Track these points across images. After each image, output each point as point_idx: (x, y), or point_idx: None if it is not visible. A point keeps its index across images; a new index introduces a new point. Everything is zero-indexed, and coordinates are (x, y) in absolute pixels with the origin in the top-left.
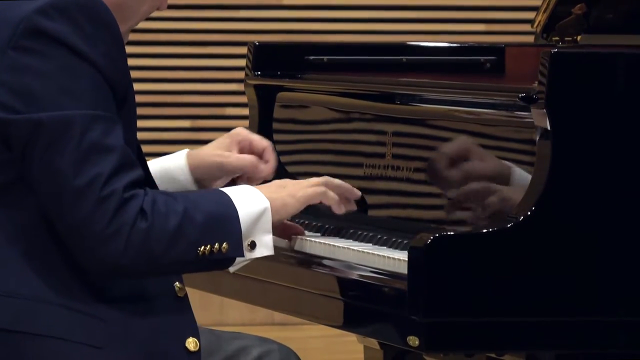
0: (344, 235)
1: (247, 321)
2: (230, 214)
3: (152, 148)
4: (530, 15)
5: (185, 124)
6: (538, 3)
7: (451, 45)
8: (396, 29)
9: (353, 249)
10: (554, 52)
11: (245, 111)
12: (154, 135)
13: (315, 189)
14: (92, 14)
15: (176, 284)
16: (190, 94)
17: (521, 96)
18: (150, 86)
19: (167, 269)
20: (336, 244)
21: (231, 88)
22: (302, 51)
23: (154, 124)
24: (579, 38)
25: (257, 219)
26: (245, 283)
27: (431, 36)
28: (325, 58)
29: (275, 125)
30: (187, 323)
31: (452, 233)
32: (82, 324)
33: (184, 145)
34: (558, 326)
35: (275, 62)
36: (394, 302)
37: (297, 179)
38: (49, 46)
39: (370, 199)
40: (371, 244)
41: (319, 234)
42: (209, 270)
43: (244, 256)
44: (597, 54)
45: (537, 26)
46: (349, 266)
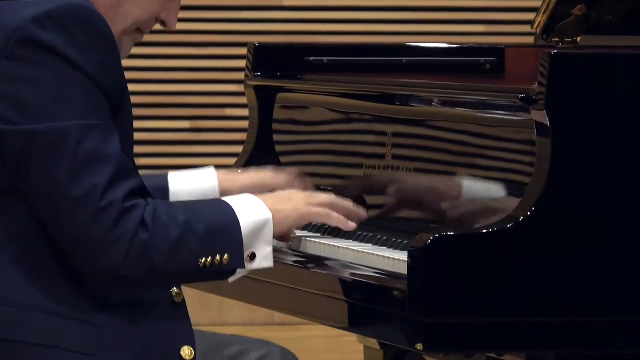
0: (344, 235)
1: (247, 321)
2: (232, 225)
3: (152, 149)
4: (530, 16)
5: (185, 124)
6: (538, 4)
7: (451, 46)
8: (396, 30)
9: (353, 249)
10: (554, 53)
11: (245, 112)
12: (154, 136)
13: (319, 210)
14: (86, 23)
15: (173, 289)
16: (190, 95)
17: (521, 97)
18: (150, 87)
19: (167, 279)
20: (336, 244)
21: (231, 89)
22: (302, 52)
23: (154, 124)
24: (578, 39)
25: (258, 230)
26: (245, 283)
27: (431, 37)
28: (325, 59)
29: (275, 126)
30: (183, 331)
31: (452, 233)
32: (74, 331)
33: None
34: (558, 326)
35: (275, 63)
36: (394, 302)
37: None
38: (42, 56)
39: (370, 199)
40: (371, 244)
41: (319, 234)
42: (209, 280)
43: (244, 267)
44: (597, 55)
45: (537, 27)
46: (349, 266)
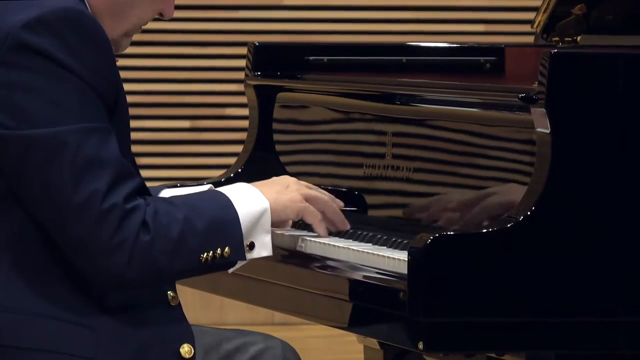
0: (344, 235)
1: (247, 321)
2: (231, 217)
3: (152, 148)
4: (530, 15)
5: (185, 124)
6: (538, 3)
7: (451, 45)
8: (396, 29)
9: (353, 249)
10: (554, 52)
11: (245, 111)
12: (154, 135)
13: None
14: (78, 27)
15: (169, 292)
16: (190, 94)
17: (521, 96)
18: (150, 86)
19: (171, 277)
20: (336, 244)
21: (231, 88)
22: (302, 51)
23: (154, 124)
24: (579, 38)
25: (256, 219)
26: (245, 283)
27: (431, 37)
28: (325, 58)
29: (275, 126)
30: (181, 330)
31: (452, 233)
32: (71, 335)
33: (184, 146)
34: (558, 326)
35: (275, 63)
36: (394, 302)
37: (300, 179)
38: (36, 61)
39: (370, 199)
40: (371, 244)
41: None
42: (210, 273)
43: (245, 259)
44: (597, 54)
45: (537, 26)
46: (349, 266)
